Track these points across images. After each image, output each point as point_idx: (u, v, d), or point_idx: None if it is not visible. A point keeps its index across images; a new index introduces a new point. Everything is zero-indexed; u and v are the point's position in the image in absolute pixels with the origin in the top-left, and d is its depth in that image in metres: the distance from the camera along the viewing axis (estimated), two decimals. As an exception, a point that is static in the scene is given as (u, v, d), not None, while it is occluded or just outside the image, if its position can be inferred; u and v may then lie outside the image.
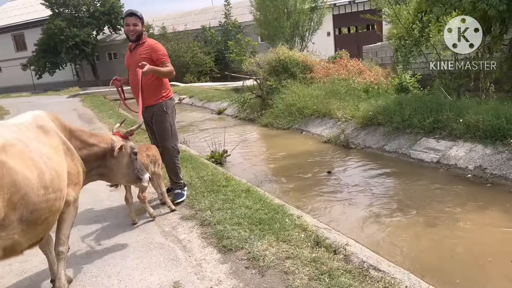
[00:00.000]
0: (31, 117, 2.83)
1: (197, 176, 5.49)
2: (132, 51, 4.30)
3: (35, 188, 2.35)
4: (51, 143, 2.71)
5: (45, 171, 2.46)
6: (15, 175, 2.21)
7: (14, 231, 2.26)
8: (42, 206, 2.42)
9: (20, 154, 2.34)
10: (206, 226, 3.97)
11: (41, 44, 32.37)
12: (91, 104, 17.36)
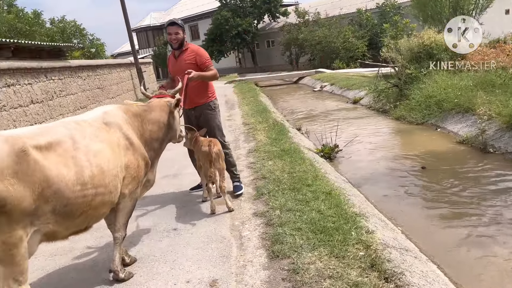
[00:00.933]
0: (101, 113, 3.16)
1: (289, 171, 5.37)
2: (177, 58, 4.51)
3: (70, 184, 2.53)
4: (109, 140, 2.95)
5: (85, 168, 2.65)
6: (48, 171, 2.42)
7: (48, 221, 2.49)
8: (77, 201, 2.59)
9: (63, 152, 2.58)
10: (270, 226, 3.87)
11: (210, 34, 35.84)
12: (239, 90, 18.55)
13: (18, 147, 2.30)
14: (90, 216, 2.81)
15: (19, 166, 2.27)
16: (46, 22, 27.63)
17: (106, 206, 2.94)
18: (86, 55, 26.80)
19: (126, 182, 3.07)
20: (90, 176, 2.67)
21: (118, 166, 2.95)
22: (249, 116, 10.65)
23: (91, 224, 2.95)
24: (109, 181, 2.83)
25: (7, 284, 2.31)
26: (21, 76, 9.64)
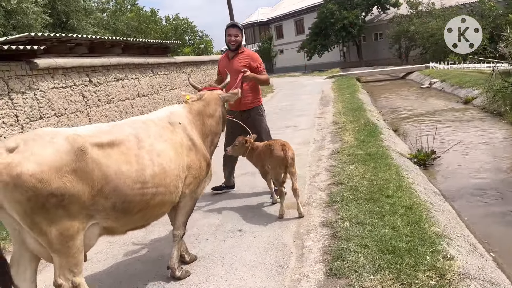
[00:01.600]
0: (166, 113, 3.25)
1: (369, 178, 4.96)
2: (231, 59, 4.52)
3: (130, 182, 2.59)
4: (173, 140, 3.01)
5: (147, 167, 2.70)
6: (106, 169, 2.50)
7: (108, 217, 2.59)
8: (135, 198, 2.65)
9: (126, 150, 2.65)
10: (335, 239, 3.59)
11: (314, 28, 35.42)
12: (338, 86, 17.99)
13: (77, 146, 2.40)
14: (149, 215, 2.87)
15: (77, 164, 2.37)
16: (162, 20, 29.89)
17: (166, 206, 2.98)
18: (196, 51, 28.40)
19: (187, 182, 3.11)
20: (151, 175, 2.72)
21: (180, 166, 2.98)
22: (341, 114, 10.21)
23: (149, 222, 3.01)
24: (170, 181, 2.87)
25: (62, 273, 2.44)
26: (130, 71, 10.51)
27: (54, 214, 2.31)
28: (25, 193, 2.19)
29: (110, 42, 9.86)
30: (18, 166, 2.18)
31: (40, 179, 2.21)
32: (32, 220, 2.26)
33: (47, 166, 2.25)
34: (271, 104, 15.53)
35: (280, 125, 10.26)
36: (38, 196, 2.22)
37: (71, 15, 12.37)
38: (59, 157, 2.31)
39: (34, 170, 2.20)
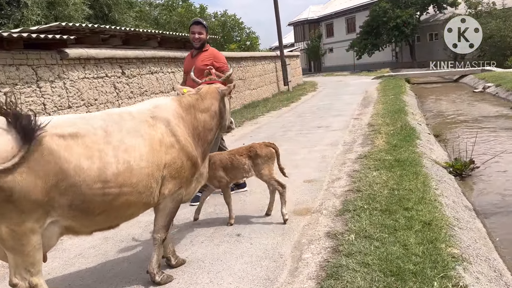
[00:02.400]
0: (150, 106, 2.93)
1: (391, 187, 4.50)
2: (193, 57, 4.27)
3: (89, 180, 2.36)
4: (151, 135, 2.71)
5: (110, 165, 2.44)
6: (65, 164, 2.28)
7: (65, 215, 2.37)
8: (95, 198, 2.40)
9: (90, 143, 2.40)
10: (336, 253, 3.22)
11: (365, 26, 34.30)
12: (383, 87, 17.19)
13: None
14: (113, 216, 2.62)
15: (31, 154, 2.15)
16: (211, 16, 30.12)
17: (135, 207, 2.69)
18: (242, 47, 28.38)
19: (165, 182, 2.81)
20: (114, 174, 2.46)
21: (154, 164, 2.68)
22: (379, 116, 9.62)
23: (117, 223, 2.75)
24: (138, 180, 2.58)
25: (18, 273, 2.28)
26: (165, 65, 10.52)
27: (4, 209, 2.13)
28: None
29: (146, 35, 9.89)
30: None
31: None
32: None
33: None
34: (310, 103, 15.10)
35: (312, 125, 9.85)
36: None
37: (113, 8, 12.64)
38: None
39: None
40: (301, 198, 4.68)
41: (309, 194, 4.78)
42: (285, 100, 16.10)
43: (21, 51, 6.21)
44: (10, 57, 6.02)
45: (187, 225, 4.19)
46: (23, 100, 6.19)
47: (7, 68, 5.95)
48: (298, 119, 11.14)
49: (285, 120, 11.16)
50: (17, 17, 9.43)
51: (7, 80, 5.94)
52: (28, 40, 6.21)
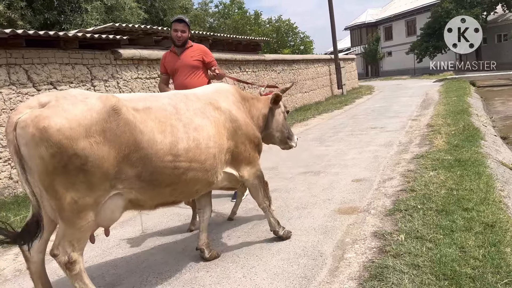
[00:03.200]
0: (211, 90, 3.11)
1: (449, 187, 4.08)
2: (179, 55, 4.16)
3: (161, 152, 2.44)
4: (216, 119, 2.86)
5: (180, 140, 2.55)
6: (139, 136, 2.34)
7: (132, 186, 2.39)
8: (165, 171, 2.48)
9: (162, 118, 2.51)
10: (382, 253, 2.92)
11: (427, 28, 32.72)
12: (445, 89, 16.20)
13: (110, 104, 2.26)
14: (180, 190, 2.68)
15: (108, 124, 2.22)
16: (266, 22, 30.25)
17: (200, 184, 2.77)
18: (296, 52, 28.16)
19: (241, 165, 3.08)
20: (184, 149, 2.57)
21: (219, 146, 2.83)
22: (439, 117, 8.97)
23: (180, 199, 2.82)
24: (205, 158, 2.70)
25: (62, 245, 2.25)
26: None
27: (74, 178, 2.14)
28: (50, 148, 2.05)
29: (197, 37, 10.00)
30: (46, 119, 2.06)
31: (67, 135, 2.07)
32: (50, 181, 2.11)
33: (76, 122, 2.11)
34: (364, 105, 14.54)
35: (365, 126, 9.41)
36: (63, 154, 2.08)
37: (168, 12, 13.01)
38: (90, 114, 2.17)
39: (62, 125, 2.07)
40: (348, 197, 4.38)
41: (357, 194, 4.47)
42: (338, 103, 15.65)
43: (76, 50, 6.47)
44: (66, 56, 6.28)
45: (225, 219, 4.06)
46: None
47: (63, 67, 6.22)
48: (350, 121, 10.72)
49: (336, 122, 10.78)
50: (78, 22, 9.98)
51: (63, 78, 6.20)
52: (83, 40, 6.46)
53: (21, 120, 2.08)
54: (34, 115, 2.08)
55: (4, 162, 5.20)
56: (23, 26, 9.91)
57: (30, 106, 2.14)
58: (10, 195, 5.19)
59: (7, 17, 9.83)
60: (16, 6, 9.86)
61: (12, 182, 5.28)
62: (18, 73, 5.51)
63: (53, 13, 10.80)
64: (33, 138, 2.05)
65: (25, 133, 2.07)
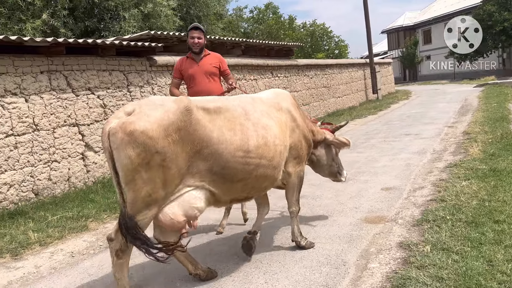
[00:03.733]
0: (273, 94, 3.36)
1: (481, 198, 3.96)
2: (198, 62, 4.29)
3: (232, 148, 2.68)
4: (278, 119, 3.10)
5: (251, 138, 2.79)
6: (209, 133, 2.60)
7: (203, 179, 2.64)
8: (236, 166, 2.72)
9: (231, 118, 2.76)
10: (406, 264, 2.88)
11: (467, 32, 31.63)
12: (485, 95, 15.62)
13: (183, 105, 2.55)
14: (251, 186, 2.90)
15: (182, 123, 2.50)
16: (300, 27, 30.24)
17: (268, 180, 3.01)
18: (330, 56, 27.97)
19: (291, 163, 3.21)
20: (255, 146, 2.79)
21: (284, 143, 3.06)
22: (477, 124, 8.67)
23: (251, 195, 3.07)
24: (273, 156, 2.92)
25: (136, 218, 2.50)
26: (248, 72, 10.69)
27: (154, 173, 2.42)
28: (136, 148, 2.36)
29: (230, 43, 10.15)
30: (132, 124, 2.39)
31: (150, 136, 2.38)
32: (133, 176, 2.41)
33: (156, 124, 2.42)
34: (400, 111, 14.24)
35: (399, 133, 9.22)
36: (147, 153, 2.38)
37: (202, 19, 13.27)
38: (167, 116, 2.47)
39: (145, 128, 2.38)
40: (375, 206, 4.34)
41: (385, 202, 4.42)
42: (373, 108, 15.40)
43: (114, 57, 6.73)
44: (104, 63, 6.54)
45: (250, 225, 4.10)
46: (114, 103, 6.67)
47: (101, 73, 6.48)
48: (384, 127, 10.54)
49: (369, 128, 10.62)
50: (116, 29, 10.38)
51: (100, 84, 6.46)
52: (120, 47, 6.71)
53: (112, 128, 2.42)
54: (121, 122, 2.41)
55: (44, 164, 5.48)
56: (65, 33, 10.41)
57: (117, 117, 2.48)
58: (49, 195, 5.46)
59: (50, 25, 10.35)
60: (59, 14, 10.37)
61: (51, 183, 5.55)
62: (58, 79, 5.80)
63: (93, 21, 11.28)
64: (122, 141, 2.37)
65: (115, 138, 2.40)
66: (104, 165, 6.32)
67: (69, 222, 4.47)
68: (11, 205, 5.03)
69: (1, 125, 5.04)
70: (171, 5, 11.30)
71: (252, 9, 29.98)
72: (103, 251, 3.78)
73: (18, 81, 5.28)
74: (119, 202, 2.52)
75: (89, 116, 6.18)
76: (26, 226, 4.39)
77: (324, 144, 3.77)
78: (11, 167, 5.10)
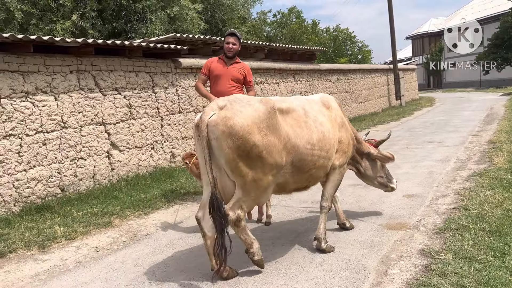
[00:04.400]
0: (320, 97, 3.69)
1: (506, 208, 3.89)
2: (228, 66, 4.54)
3: (304, 142, 3.08)
4: (329, 116, 3.47)
5: (314, 133, 3.17)
6: (287, 129, 2.99)
7: (286, 171, 3.03)
8: (307, 157, 3.11)
9: (297, 117, 3.15)
10: (428, 272, 2.86)
11: (495, 39, 30.93)
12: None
13: (270, 106, 2.90)
14: (313, 176, 3.28)
15: (270, 121, 2.86)
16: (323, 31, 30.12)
17: (324, 171, 3.37)
18: (353, 61, 27.77)
19: (338, 155, 3.50)
20: (317, 139, 3.18)
21: (335, 138, 3.42)
22: (503, 133, 8.49)
23: (310, 185, 3.42)
24: (328, 148, 3.29)
25: (233, 208, 2.86)
26: (270, 76, 10.74)
27: (254, 163, 2.79)
28: (236, 141, 2.72)
29: (253, 47, 10.23)
30: (231, 119, 2.73)
31: (247, 130, 2.73)
32: (236, 164, 2.76)
33: (251, 121, 2.77)
34: (423, 118, 14.05)
35: (422, 140, 9.11)
36: (245, 145, 2.73)
37: (227, 23, 13.42)
38: (258, 114, 2.82)
39: (242, 123, 2.74)
40: (397, 212, 4.31)
41: (407, 209, 4.39)
42: (395, 114, 15.22)
43: (140, 59, 6.88)
44: (131, 64, 6.70)
45: (271, 227, 4.15)
46: (140, 103, 6.82)
47: (127, 74, 6.64)
48: (407, 134, 10.42)
49: (392, 134, 10.48)
50: (143, 31, 10.61)
51: (127, 84, 6.62)
52: (147, 49, 6.87)
53: (212, 120, 2.76)
54: (221, 116, 2.75)
55: (71, 161, 5.64)
56: (93, 34, 10.70)
57: (213, 109, 2.82)
58: (74, 191, 5.62)
59: (79, 26, 10.65)
60: (87, 16, 10.67)
61: (76, 180, 5.71)
62: (87, 79, 5.97)
63: (120, 22, 11.55)
64: (223, 133, 2.72)
65: (215, 130, 2.74)
66: (129, 164, 6.47)
67: (93, 218, 4.60)
68: (38, 200, 5.20)
69: (31, 122, 5.22)
70: (197, 9, 11.50)
71: (276, 13, 30.00)
72: (127, 247, 3.88)
73: (48, 80, 5.46)
74: (211, 184, 2.81)
75: (115, 115, 6.34)
76: (53, 220, 4.54)
77: (369, 158, 4.03)
78: (39, 163, 5.28)
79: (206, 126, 2.75)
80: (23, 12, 9.88)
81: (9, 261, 3.65)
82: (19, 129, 5.07)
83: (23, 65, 5.19)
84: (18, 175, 5.03)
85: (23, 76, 5.18)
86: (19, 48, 5.13)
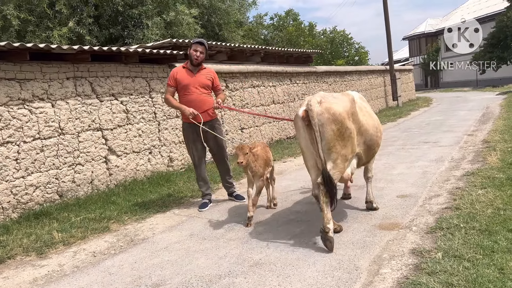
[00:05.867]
0: (356, 93, 4.22)
1: (497, 207, 3.95)
2: (195, 73, 4.82)
3: (371, 126, 3.92)
4: (368, 108, 4.22)
5: (374, 120, 4.08)
6: (361, 117, 3.77)
7: (361, 148, 3.85)
8: (373, 138, 3.95)
9: (362, 107, 3.97)
10: (418, 271, 2.92)
11: (490, 38, 31.07)
12: (509, 102, 15.38)
13: (351, 97, 3.80)
14: (374, 152, 4.15)
15: (353, 109, 3.66)
16: (320, 34, 30.25)
17: (378, 148, 4.21)
18: (350, 63, 27.88)
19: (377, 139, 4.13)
20: (377, 124, 4.12)
21: (378, 123, 4.20)
22: (497, 132, 8.56)
23: (367, 161, 4.20)
24: (376, 132, 4.05)
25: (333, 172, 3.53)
26: (267, 79, 10.81)
27: (346, 142, 3.53)
28: (337, 124, 3.46)
29: (250, 50, 10.31)
30: (332, 109, 3.47)
31: (344, 116, 3.49)
32: (334, 143, 3.47)
33: (344, 109, 3.54)
34: (419, 118, 14.13)
35: (418, 140, 9.18)
36: (343, 127, 3.49)
37: (223, 27, 13.53)
38: (347, 104, 3.63)
39: (341, 111, 3.50)
40: (390, 213, 4.37)
41: (400, 210, 4.44)
42: (392, 115, 15.30)
43: (137, 64, 6.95)
44: (127, 70, 6.77)
45: (267, 229, 4.20)
46: (137, 109, 6.88)
47: (124, 80, 6.70)
48: (403, 134, 10.50)
49: (388, 135, 10.57)
50: (139, 36, 10.69)
51: (124, 90, 6.68)
52: (143, 55, 6.93)
53: (318, 110, 3.45)
54: (325, 106, 3.47)
55: (69, 167, 5.70)
56: (90, 40, 10.77)
57: (315, 103, 3.48)
58: (73, 197, 5.67)
59: (76, 32, 10.72)
60: (84, 22, 10.74)
61: (74, 186, 5.77)
62: (83, 85, 6.03)
63: (117, 28, 11.63)
64: (328, 119, 3.44)
65: (322, 118, 3.44)
66: (126, 169, 6.52)
67: (91, 223, 4.66)
68: (36, 206, 5.25)
69: (29, 129, 5.28)
70: (193, 14, 11.59)
71: (273, 16, 30.19)
72: (124, 251, 3.93)
73: (45, 87, 5.53)
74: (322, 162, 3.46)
75: (112, 121, 6.40)
76: (51, 226, 4.59)
77: None
78: (37, 169, 5.34)
79: (316, 115, 3.41)
80: (20, 20, 9.96)
81: (8, 267, 3.71)
82: (17, 136, 5.13)
83: (19, 73, 5.25)
84: (16, 181, 5.09)
85: (20, 83, 5.25)
86: (15, 56, 5.19)
